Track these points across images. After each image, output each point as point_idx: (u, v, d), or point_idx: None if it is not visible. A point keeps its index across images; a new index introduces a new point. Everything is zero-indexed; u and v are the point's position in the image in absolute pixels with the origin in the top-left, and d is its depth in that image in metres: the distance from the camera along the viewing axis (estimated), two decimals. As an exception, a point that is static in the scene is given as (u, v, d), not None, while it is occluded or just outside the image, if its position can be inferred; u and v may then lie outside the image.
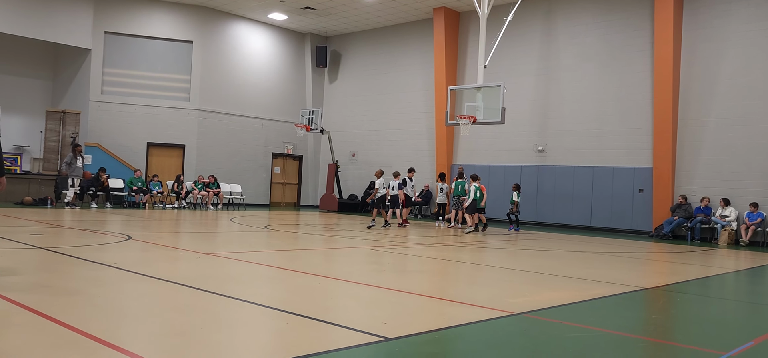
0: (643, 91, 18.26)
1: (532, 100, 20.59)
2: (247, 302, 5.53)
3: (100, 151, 21.23)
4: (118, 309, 5.02)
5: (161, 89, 23.12)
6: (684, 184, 17.53)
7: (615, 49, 18.92)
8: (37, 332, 4.13)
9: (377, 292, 6.47)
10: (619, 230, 18.49)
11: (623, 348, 4.65)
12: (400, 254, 10.31)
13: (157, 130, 22.94)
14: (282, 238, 12.55)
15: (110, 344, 3.88)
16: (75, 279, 6.27)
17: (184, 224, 14.51)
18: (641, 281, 8.58)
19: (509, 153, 21.10)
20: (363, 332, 4.55)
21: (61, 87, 23.38)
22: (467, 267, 9.24)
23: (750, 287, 9.01)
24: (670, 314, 6.37)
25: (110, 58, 22.44)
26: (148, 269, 7.02)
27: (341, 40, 26.58)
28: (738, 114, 16.70)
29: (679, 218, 16.85)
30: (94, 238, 10.38)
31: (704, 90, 17.25)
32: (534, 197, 20.47)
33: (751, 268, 10.95)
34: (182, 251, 9.27)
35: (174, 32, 23.22)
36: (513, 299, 6.34)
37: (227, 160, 24.06)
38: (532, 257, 10.68)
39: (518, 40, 20.68)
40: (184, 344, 4.08)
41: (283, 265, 8.26)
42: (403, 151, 23.81)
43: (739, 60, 16.77)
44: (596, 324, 5.39)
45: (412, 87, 23.94)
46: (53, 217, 14.56)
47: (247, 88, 24.84)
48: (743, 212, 16.27)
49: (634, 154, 18.41)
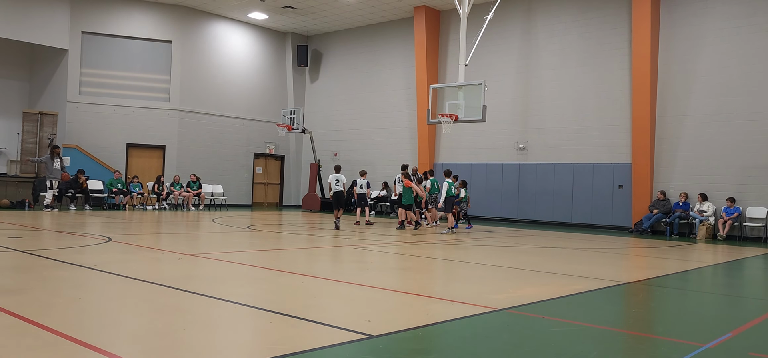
0: (622, 89, 18.47)
1: (512, 98, 20.72)
2: (229, 301, 5.50)
3: (79, 153, 20.96)
4: (98, 311, 4.97)
5: (140, 90, 22.88)
6: (662, 180, 17.76)
7: (594, 47, 19.11)
8: (17, 334, 4.07)
9: (360, 290, 6.48)
10: (599, 226, 18.69)
11: (605, 341, 4.71)
12: (382, 253, 10.32)
13: (137, 131, 22.70)
14: (264, 238, 12.50)
15: (91, 346, 3.84)
16: (54, 282, 6.19)
17: (165, 226, 14.38)
18: (621, 275, 8.68)
19: (491, 151, 21.21)
20: (346, 329, 4.55)
21: (38, 88, 23.04)
22: (449, 264, 9.28)
23: (727, 281, 9.16)
24: (650, 307, 6.46)
25: (88, 59, 22.15)
26: (128, 271, 6.95)
27: (322, 39, 26.52)
28: (715, 110, 16.95)
29: (658, 213, 17.07)
30: (73, 240, 10.26)
31: (681, 87, 17.49)
32: (515, 194, 20.60)
33: (728, 261, 11.14)
34: (163, 252, 9.19)
35: (153, 32, 22.99)
36: (495, 295, 6.38)
37: (208, 161, 23.88)
38: (513, 254, 10.75)
39: (498, 39, 20.79)
40: (166, 345, 4.05)
41: (266, 265, 8.23)
42: (385, 150, 23.82)
43: (715, 57, 17.02)
44: (578, 318, 5.45)
45: (394, 86, 23.96)
46: (31, 219, 14.34)
47: (228, 87, 24.69)
48: (721, 206, 16.52)
49: (613, 151, 18.61)
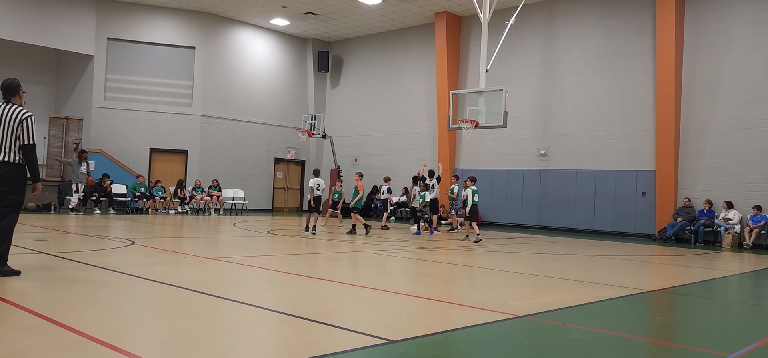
0: (646, 95, 18.26)
1: (534, 104, 20.60)
2: (251, 305, 5.54)
3: (103, 157, 21.28)
4: (122, 313, 5.03)
5: (164, 95, 23.17)
6: (687, 187, 17.51)
7: (617, 53, 18.93)
8: (42, 335, 4.14)
9: (381, 295, 6.48)
10: (622, 234, 18.47)
11: (627, 350, 4.65)
12: (402, 258, 10.31)
13: (160, 136, 22.98)
14: (285, 242, 12.56)
15: (115, 348, 3.89)
16: (79, 283, 6.28)
17: (187, 229, 14.53)
18: (645, 283, 8.57)
19: (512, 157, 21.10)
20: (367, 334, 4.55)
21: (64, 93, 23.45)
22: (470, 270, 9.24)
23: (754, 289, 9.00)
24: (674, 316, 6.36)
25: (113, 65, 22.51)
26: (152, 274, 7.04)
27: (343, 45, 26.63)
28: (740, 117, 16.68)
29: (682, 221, 16.82)
30: (97, 243, 10.41)
31: (706, 93, 17.25)
32: (536, 200, 20.45)
33: (754, 270, 10.93)
34: (186, 255, 9.29)
35: (176, 38, 23.29)
36: (516, 302, 6.34)
37: (230, 166, 24.09)
38: (534, 261, 10.67)
39: (520, 45, 20.70)
40: (188, 347, 4.09)
41: (287, 269, 8.27)
42: (405, 156, 23.82)
43: (740, 63, 16.76)
44: (600, 326, 5.39)
45: (414, 91, 23.97)
46: (57, 223, 14.59)
47: (250, 93, 24.89)
48: (746, 214, 16.24)
49: (636, 158, 18.40)
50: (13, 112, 6.27)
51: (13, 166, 6.28)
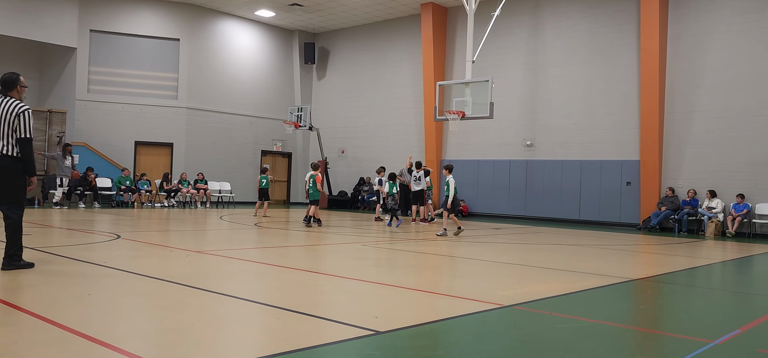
0: (630, 85, 18.39)
1: (520, 95, 20.68)
2: (237, 298, 5.53)
3: (88, 151, 21.07)
4: (108, 307, 5.01)
5: (148, 88, 22.97)
6: (671, 176, 17.68)
7: (602, 44, 19.04)
8: (28, 330, 4.11)
9: (367, 287, 6.49)
10: (607, 223, 18.63)
11: (613, 338, 4.70)
12: (388, 250, 10.33)
13: (145, 129, 22.80)
14: (272, 235, 12.54)
15: (101, 342, 3.87)
16: (64, 278, 6.24)
17: (173, 223, 14.45)
18: (630, 272, 8.66)
19: (498, 148, 21.18)
20: (354, 326, 4.57)
21: (47, 86, 23.17)
22: (456, 261, 9.28)
23: (736, 277, 9.12)
24: (658, 304, 6.44)
25: (96, 57, 22.27)
26: (137, 267, 7.00)
27: (329, 36, 26.53)
28: (724, 106, 16.85)
29: (667, 210, 17.00)
30: (82, 237, 10.32)
31: (690, 83, 17.40)
32: (523, 191, 20.56)
33: (737, 258, 11.08)
34: (172, 248, 9.24)
35: (160, 30, 23.08)
36: (503, 292, 6.38)
37: (216, 158, 23.96)
38: (521, 251, 10.74)
39: (506, 35, 20.74)
40: (175, 341, 4.08)
41: (274, 261, 8.26)
42: (392, 147, 23.82)
43: (724, 53, 16.92)
44: (586, 315, 5.44)
45: (401, 83, 23.95)
46: (41, 217, 14.44)
47: (235, 85, 24.75)
48: (729, 203, 16.44)
49: (621, 148, 18.54)
50: (11, 105, 6.32)
51: (11, 159, 6.34)
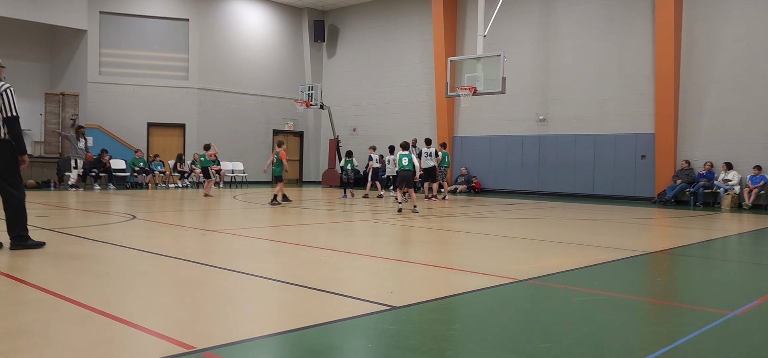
0: (645, 57, 18.15)
1: (532, 69, 20.49)
2: (253, 275, 5.56)
3: (101, 133, 21.21)
4: (126, 286, 5.05)
5: (159, 69, 23.01)
6: (686, 149, 17.50)
7: (616, 15, 18.76)
8: (49, 309, 4.16)
9: (382, 263, 6.51)
10: (622, 197, 18.51)
11: (629, 310, 4.68)
12: (401, 226, 10.34)
13: (157, 110, 22.88)
14: (286, 213, 12.58)
15: (120, 319, 3.91)
16: (82, 258, 6.30)
17: (187, 203, 14.54)
18: (645, 245, 8.60)
19: (510, 123, 21.05)
20: (370, 301, 4.58)
21: (59, 69, 23.28)
22: (470, 237, 9.27)
23: (753, 249, 9.04)
24: (675, 276, 6.40)
25: (106, 39, 22.31)
26: (154, 247, 7.05)
27: (338, 14, 26.37)
28: (740, 77, 16.60)
29: (682, 183, 16.85)
30: (98, 218, 10.42)
31: (706, 54, 17.14)
32: (536, 166, 20.46)
33: (754, 230, 10.98)
34: (187, 228, 9.30)
35: (169, 10, 23.04)
36: (517, 267, 6.36)
37: (228, 138, 24.02)
38: (534, 226, 10.71)
39: (517, 8, 20.50)
40: (193, 318, 4.11)
41: (288, 240, 8.29)
42: (404, 125, 23.75)
43: (740, 22, 16.63)
44: (601, 288, 5.42)
45: (412, 59, 23.81)
46: (57, 199, 14.59)
47: (246, 65, 24.72)
48: (746, 175, 16.26)
49: (636, 121, 18.35)
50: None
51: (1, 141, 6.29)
